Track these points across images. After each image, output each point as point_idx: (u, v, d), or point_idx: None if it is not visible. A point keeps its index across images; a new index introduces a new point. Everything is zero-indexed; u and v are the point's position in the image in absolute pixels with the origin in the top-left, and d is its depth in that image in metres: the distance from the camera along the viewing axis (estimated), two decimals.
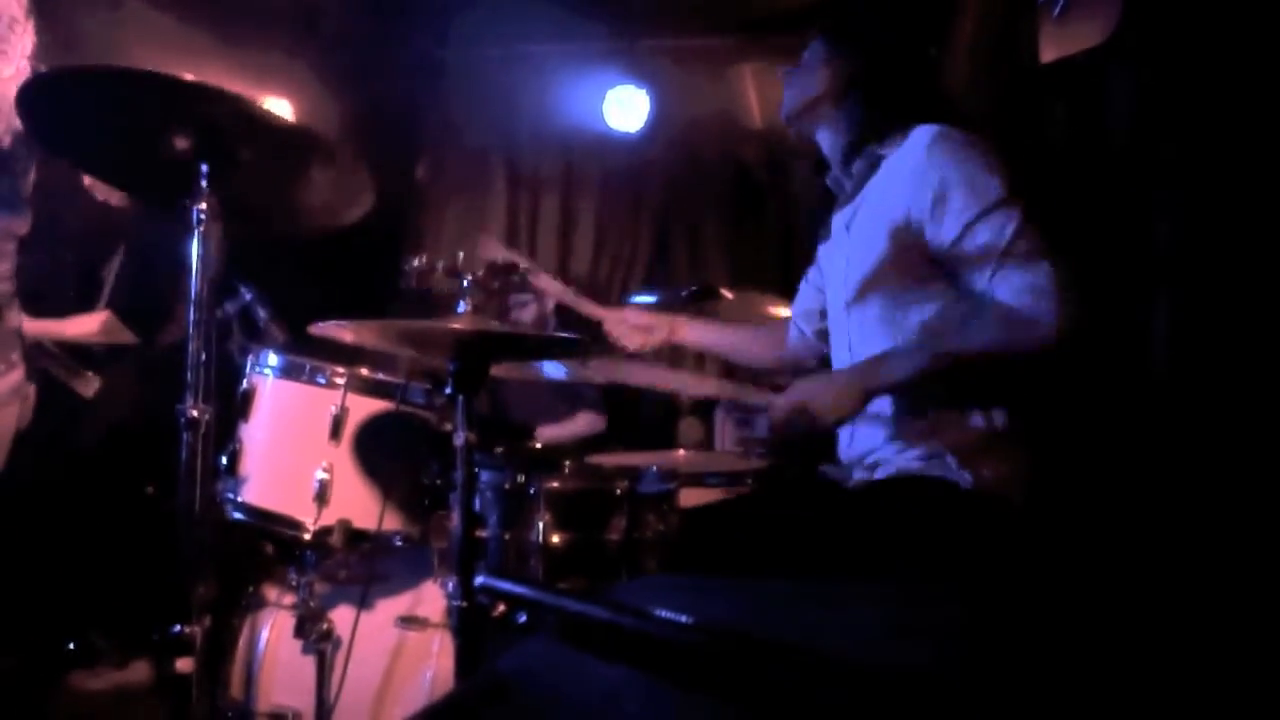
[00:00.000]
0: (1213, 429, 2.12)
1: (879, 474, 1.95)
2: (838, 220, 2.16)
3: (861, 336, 2.03)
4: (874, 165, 2.02)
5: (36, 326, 2.83)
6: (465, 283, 2.15)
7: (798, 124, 2.17)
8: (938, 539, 1.77)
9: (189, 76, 1.75)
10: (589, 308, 2.51)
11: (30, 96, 1.82)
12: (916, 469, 1.88)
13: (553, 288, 2.54)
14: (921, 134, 1.90)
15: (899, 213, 1.89)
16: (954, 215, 1.82)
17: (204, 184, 1.82)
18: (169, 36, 3.49)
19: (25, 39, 2.42)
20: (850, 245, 2.07)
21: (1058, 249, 1.80)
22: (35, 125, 2.00)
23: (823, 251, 2.27)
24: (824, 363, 2.32)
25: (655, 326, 2.42)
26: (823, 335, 2.30)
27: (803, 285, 2.41)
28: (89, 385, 3.04)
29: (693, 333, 2.44)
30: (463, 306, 1.98)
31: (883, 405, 1.95)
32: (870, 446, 1.98)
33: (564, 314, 2.53)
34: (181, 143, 1.82)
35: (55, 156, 2.46)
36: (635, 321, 2.44)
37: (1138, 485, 2.19)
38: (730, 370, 2.71)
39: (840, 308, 2.10)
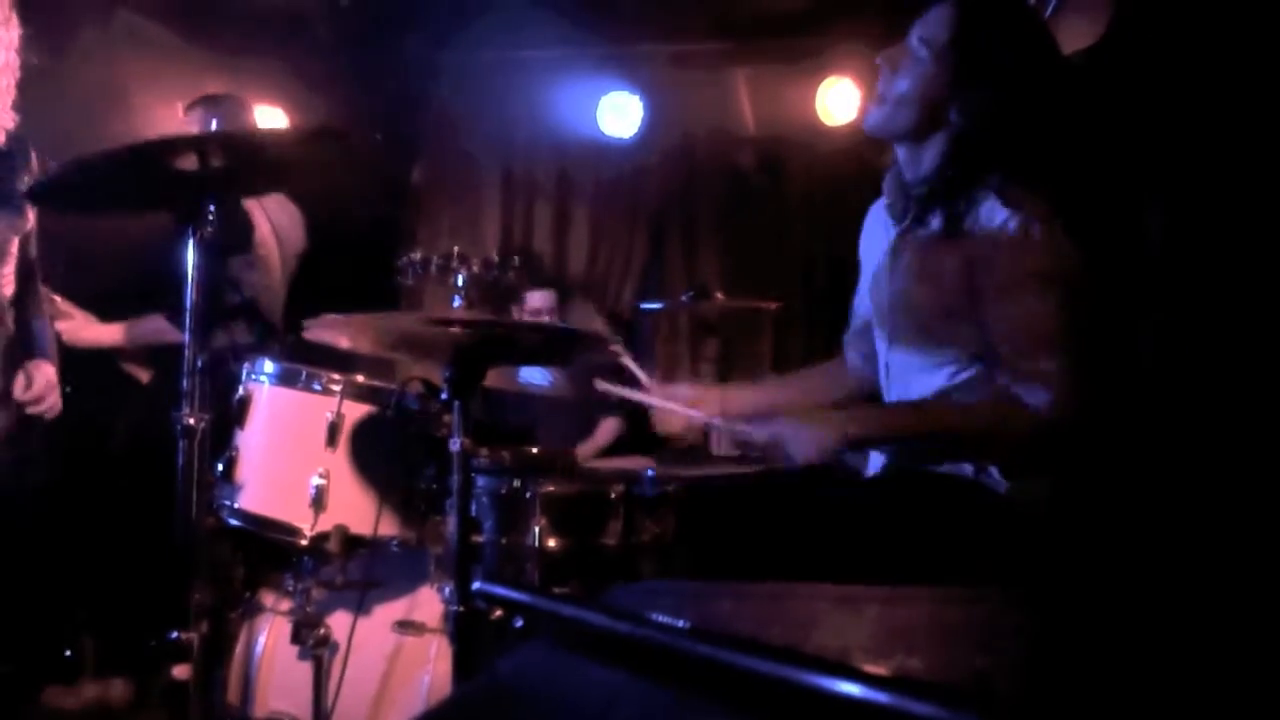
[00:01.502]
0: (1201, 430, 2.13)
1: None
2: (895, 234, 1.96)
3: (900, 368, 1.97)
4: (955, 201, 1.81)
5: (64, 326, 2.91)
6: (460, 279, 2.16)
7: (879, 136, 1.93)
8: (951, 539, 1.76)
9: (193, 130, 1.76)
10: (648, 384, 2.25)
11: (42, 195, 1.84)
12: (937, 467, 1.87)
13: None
14: (1004, 214, 1.74)
15: (962, 276, 1.79)
16: (1011, 309, 1.73)
17: (209, 199, 1.82)
18: (161, 46, 3.50)
19: (12, 33, 2.42)
20: (898, 276, 1.94)
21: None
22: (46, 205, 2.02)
23: (864, 264, 2.13)
24: None
25: (706, 399, 2.15)
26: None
27: (855, 303, 2.23)
28: (144, 373, 3.09)
29: (743, 403, 2.16)
30: (458, 301, 1.98)
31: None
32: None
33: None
34: (186, 163, 1.82)
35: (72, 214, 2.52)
36: (686, 396, 2.17)
37: (1131, 486, 2.19)
38: None
39: (881, 333, 2.02)
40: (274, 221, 3.19)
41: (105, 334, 3.07)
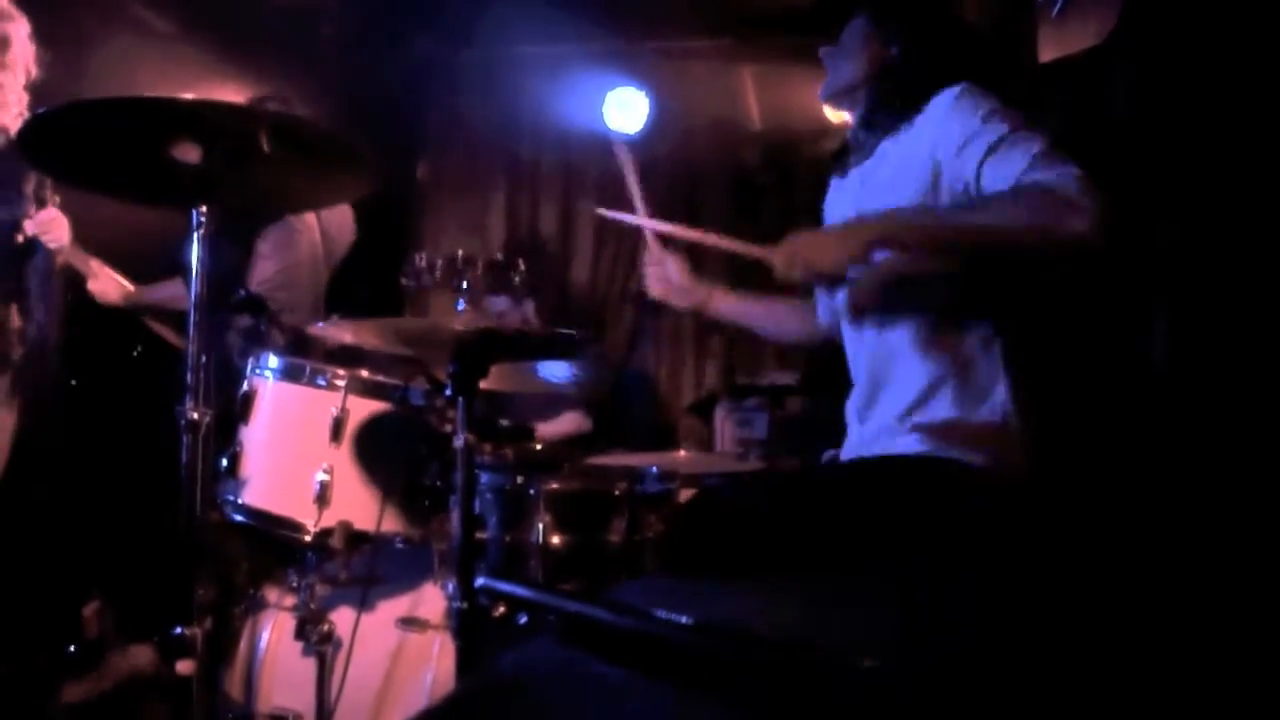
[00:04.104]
0: (1212, 427, 2.12)
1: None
2: (851, 175, 2.13)
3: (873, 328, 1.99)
4: (899, 123, 1.99)
5: (94, 286, 3.02)
6: (464, 282, 2.15)
7: (836, 104, 2.21)
8: (941, 524, 1.75)
9: (189, 95, 1.73)
10: (653, 242, 2.47)
11: (34, 135, 1.82)
12: (923, 451, 1.86)
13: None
14: (949, 90, 1.89)
15: (923, 160, 1.87)
16: (976, 147, 1.79)
17: (210, 189, 1.82)
18: (170, 41, 3.50)
19: (20, 30, 2.42)
20: (863, 198, 2.03)
21: None
22: (42, 161, 2.02)
23: (829, 209, 2.23)
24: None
25: (691, 291, 2.40)
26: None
27: None
28: (173, 335, 3.13)
29: (726, 306, 2.40)
30: (461, 305, 1.98)
31: (889, 389, 1.94)
32: (878, 430, 1.96)
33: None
34: (186, 153, 1.81)
35: (64, 184, 2.51)
36: (674, 278, 2.42)
37: (1136, 480, 2.19)
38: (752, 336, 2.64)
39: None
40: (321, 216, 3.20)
41: (123, 293, 3.07)
